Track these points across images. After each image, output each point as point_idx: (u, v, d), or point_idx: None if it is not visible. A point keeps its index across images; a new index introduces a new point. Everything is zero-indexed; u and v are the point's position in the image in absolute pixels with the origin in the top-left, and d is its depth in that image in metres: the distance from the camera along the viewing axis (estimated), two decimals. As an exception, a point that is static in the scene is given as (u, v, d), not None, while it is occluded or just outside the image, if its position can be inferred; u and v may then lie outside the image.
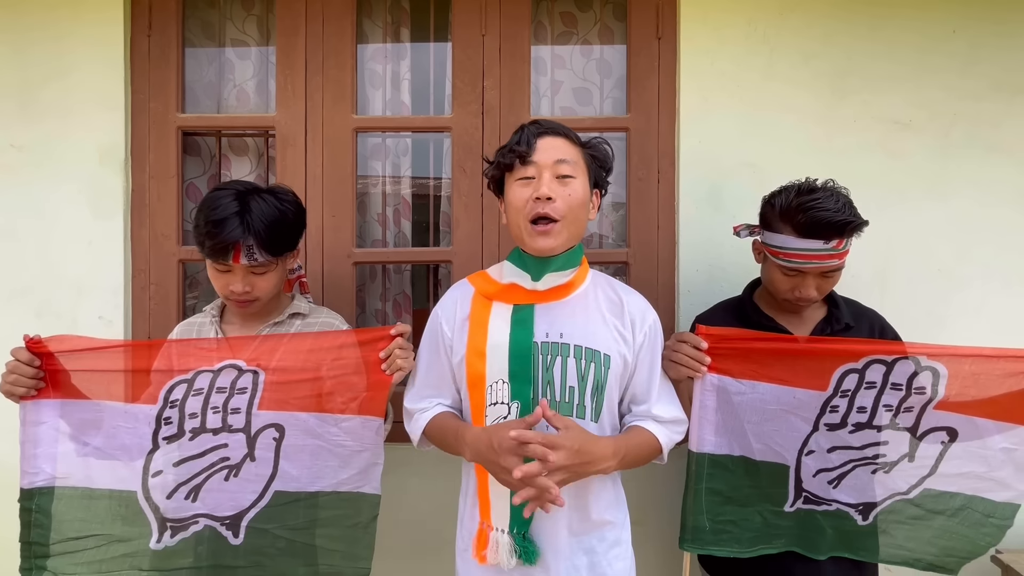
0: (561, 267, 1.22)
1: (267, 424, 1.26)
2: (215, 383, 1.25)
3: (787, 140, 1.78)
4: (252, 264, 1.27)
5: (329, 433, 1.27)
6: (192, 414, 1.25)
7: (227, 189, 1.29)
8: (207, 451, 1.26)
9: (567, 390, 1.18)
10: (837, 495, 1.33)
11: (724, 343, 1.27)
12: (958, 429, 1.29)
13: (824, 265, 1.30)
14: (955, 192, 1.77)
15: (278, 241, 1.29)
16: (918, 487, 1.34)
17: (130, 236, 1.82)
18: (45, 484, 1.23)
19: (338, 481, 1.28)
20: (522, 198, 1.17)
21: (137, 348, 1.30)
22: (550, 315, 1.21)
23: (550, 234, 1.16)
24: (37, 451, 1.23)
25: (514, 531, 1.19)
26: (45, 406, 1.23)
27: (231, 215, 1.25)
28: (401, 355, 1.22)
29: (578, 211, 1.19)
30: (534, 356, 1.18)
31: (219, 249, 1.25)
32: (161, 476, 1.26)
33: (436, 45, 2.02)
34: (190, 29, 1.94)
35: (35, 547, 1.23)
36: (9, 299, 1.79)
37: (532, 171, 1.17)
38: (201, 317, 1.45)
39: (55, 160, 1.79)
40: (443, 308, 1.30)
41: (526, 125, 1.22)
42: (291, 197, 1.36)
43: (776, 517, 1.35)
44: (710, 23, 1.79)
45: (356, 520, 1.29)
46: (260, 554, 1.27)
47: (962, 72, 1.78)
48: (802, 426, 1.30)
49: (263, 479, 1.27)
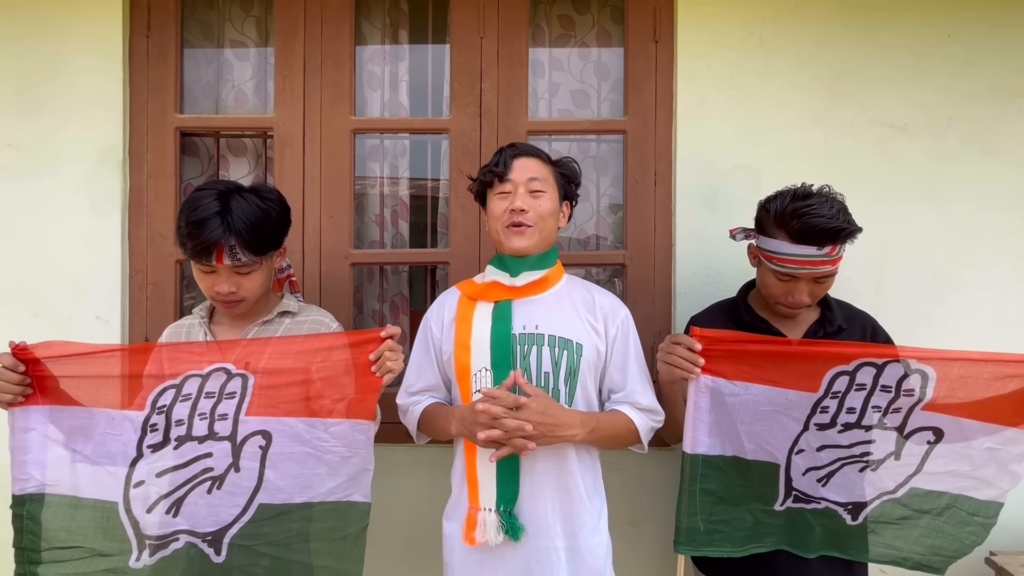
0: (536, 266, 1.38)
1: (254, 431, 1.23)
2: (204, 388, 1.22)
3: (784, 143, 1.79)
4: (236, 264, 1.26)
5: (318, 439, 1.23)
6: (179, 421, 1.22)
7: (208, 189, 1.28)
8: (191, 461, 1.23)
9: (543, 375, 1.33)
10: (826, 493, 1.34)
11: (718, 345, 1.27)
12: (944, 429, 1.31)
13: (817, 271, 1.31)
14: (950, 195, 1.78)
15: (261, 240, 1.28)
16: (905, 485, 1.35)
17: (127, 236, 1.82)
18: (35, 491, 1.21)
19: (327, 490, 1.23)
20: (500, 209, 1.37)
21: (125, 352, 1.27)
22: (527, 310, 1.37)
23: (523, 234, 1.35)
24: (26, 458, 1.20)
25: (500, 509, 1.29)
26: (33, 412, 1.20)
27: (212, 215, 1.23)
28: (391, 357, 1.22)
29: (547, 220, 1.37)
30: (513, 346, 1.33)
31: (201, 250, 1.24)
32: (143, 487, 1.22)
33: (434, 47, 2.03)
34: (189, 30, 1.94)
35: (28, 553, 1.21)
36: (7, 298, 1.79)
37: (509, 187, 1.37)
38: (190, 319, 1.43)
39: (53, 160, 1.80)
40: (432, 313, 1.46)
41: (504, 148, 1.43)
42: (274, 196, 1.35)
43: (767, 516, 1.36)
44: (707, 26, 1.79)
45: (346, 532, 1.24)
46: (244, 573, 1.22)
47: (958, 75, 1.79)
48: (793, 426, 1.31)
49: (247, 492, 1.23)
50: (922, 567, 1.39)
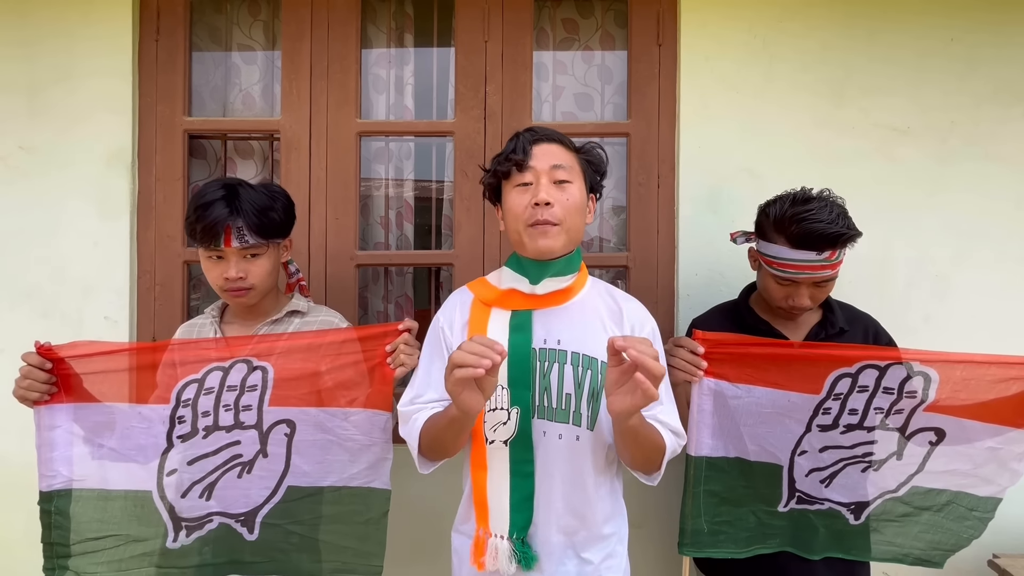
0: (560, 271, 1.22)
1: (278, 420, 1.28)
2: (226, 381, 1.27)
3: (786, 146, 1.79)
4: (244, 246, 1.30)
5: (339, 427, 1.28)
6: (205, 412, 1.27)
7: (215, 181, 1.35)
8: (220, 448, 1.28)
9: (563, 397, 1.18)
10: (829, 494, 1.35)
11: (720, 348, 1.28)
12: (946, 430, 1.31)
13: (817, 275, 1.31)
14: (953, 198, 1.79)
15: (268, 224, 1.33)
16: (907, 484, 1.36)
17: (136, 237, 1.84)
18: (63, 487, 1.25)
19: (348, 476, 1.29)
20: (521, 204, 1.19)
21: (145, 350, 1.31)
22: (548, 321, 1.21)
23: (549, 234, 1.17)
24: (53, 455, 1.24)
25: (513, 536, 1.18)
26: (59, 410, 1.25)
27: (219, 199, 1.29)
28: (406, 350, 1.23)
29: (576, 215, 1.20)
30: (532, 362, 1.18)
31: (209, 230, 1.28)
32: (176, 475, 1.28)
33: (439, 51, 2.05)
34: (197, 34, 1.96)
35: (57, 547, 1.25)
36: (17, 299, 1.81)
37: (530, 177, 1.18)
38: (202, 318, 1.47)
39: (63, 162, 1.82)
40: (444, 314, 1.29)
41: (521, 132, 1.23)
42: (279, 188, 1.41)
43: (770, 517, 1.36)
44: (710, 30, 1.81)
45: (367, 516, 1.30)
46: (274, 549, 1.28)
47: (960, 79, 1.79)
48: (795, 427, 1.32)
49: (276, 475, 1.28)
50: (922, 562, 1.40)
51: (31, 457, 1.25)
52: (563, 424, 1.17)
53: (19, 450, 1.75)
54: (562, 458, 1.18)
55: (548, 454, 1.17)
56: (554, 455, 1.17)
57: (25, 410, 1.25)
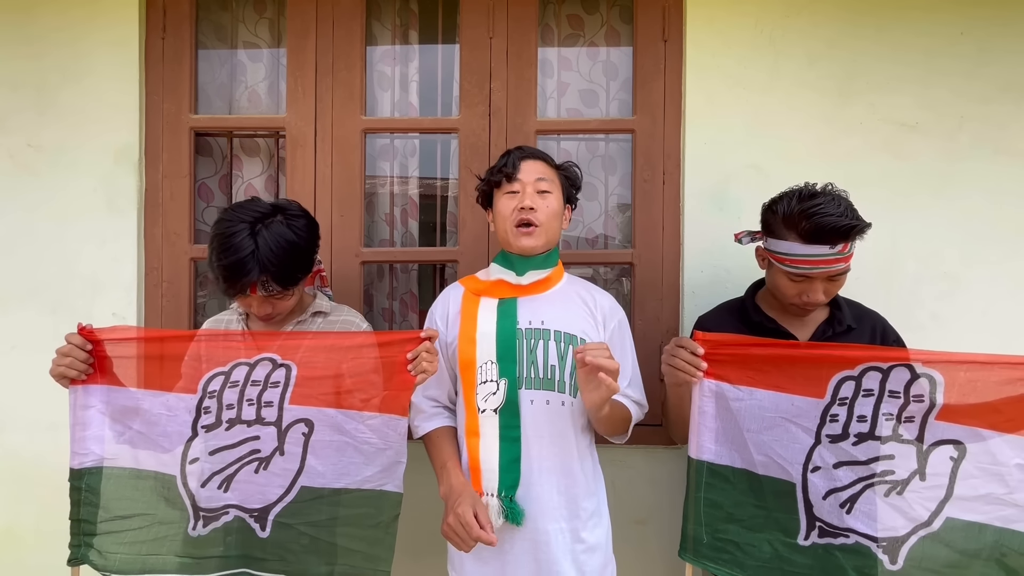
0: (541, 265, 1.44)
1: (297, 419, 1.30)
2: (251, 376, 1.30)
3: (793, 142, 1.78)
4: (269, 294, 1.32)
5: (356, 430, 1.29)
6: (229, 405, 1.30)
7: (237, 222, 1.30)
8: (240, 442, 1.30)
9: (549, 368, 1.38)
10: (852, 523, 1.24)
11: (721, 348, 1.26)
12: (964, 441, 1.23)
13: (831, 269, 1.30)
14: (962, 194, 1.77)
15: (292, 272, 1.33)
16: (939, 515, 1.23)
17: (143, 234, 1.85)
18: (94, 464, 1.30)
19: (363, 478, 1.29)
20: (509, 207, 1.41)
21: (182, 338, 1.35)
22: (532, 306, 1.42)
23: (532, 235, 1.40)
24: (86, 433, 1.29)
25: (502, 494, 1.34)
26: (94, 391, 1.29)
27: (245, 257, 1.27)
28: (427, 358, 1.27)
29: (553, 220, 1.43)
30: (518, 340, 1.38)
31: (233, 286, 1.30)
32: (198, 464, 1.31)
33: (444, 47, 2.04)
34: (203, 32, 1.97)
35: (84, 524, 1.29)
36: (25, 296, 1.83)
37: (517, 187, 1.42)
38: (228, 314, 1.50)
39: (71, 160, 1.83)
40: (437, 307, 1.51)
41: (511, 150, 1.48)
42: (299, 215, 1.37)
43: (789, 551, 1.26)
44: (716, 25, 1.79)
45: (378, 519, 1.30)
46: (284, 549, 1.29)
47: (969, 74, 1.77)
48: (803, 436, 1.26)
49: (290, 474, 1.30)
50: None
51: (41, 449, 1.27)
52: (549, 391, 1.37)
53: (29, 443, 1.78)
54: (548, 421, 1.36)
55: (536, 419, 1.36)
56: (541, 420, 1.36)
57: (35, 405, 1.27)
